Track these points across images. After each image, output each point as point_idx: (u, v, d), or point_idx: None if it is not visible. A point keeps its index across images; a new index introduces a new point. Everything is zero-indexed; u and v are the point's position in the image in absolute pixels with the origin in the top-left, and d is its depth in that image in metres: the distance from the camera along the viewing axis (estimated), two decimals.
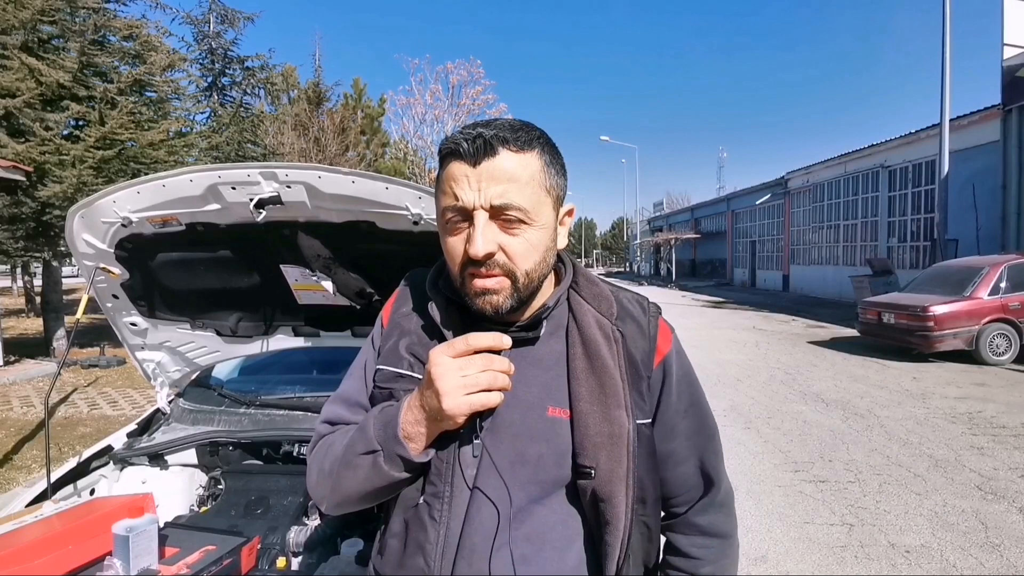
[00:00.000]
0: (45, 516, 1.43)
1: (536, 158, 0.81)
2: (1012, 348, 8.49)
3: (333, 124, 16.45)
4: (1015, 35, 12.95)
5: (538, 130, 0.84)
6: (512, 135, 0.79)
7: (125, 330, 2.13)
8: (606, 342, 0.85)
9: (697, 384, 0.95)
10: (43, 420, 5.94)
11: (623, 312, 0.90)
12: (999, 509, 3.71)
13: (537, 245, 0.81)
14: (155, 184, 1.63)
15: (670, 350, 0.91)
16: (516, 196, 0.77)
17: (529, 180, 0.79)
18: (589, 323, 0.86)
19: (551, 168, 0.83)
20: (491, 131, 0.78)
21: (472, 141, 0.77)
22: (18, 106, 7.94)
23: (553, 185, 0.83)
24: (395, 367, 0.90)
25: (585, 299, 0.89)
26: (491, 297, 0.80)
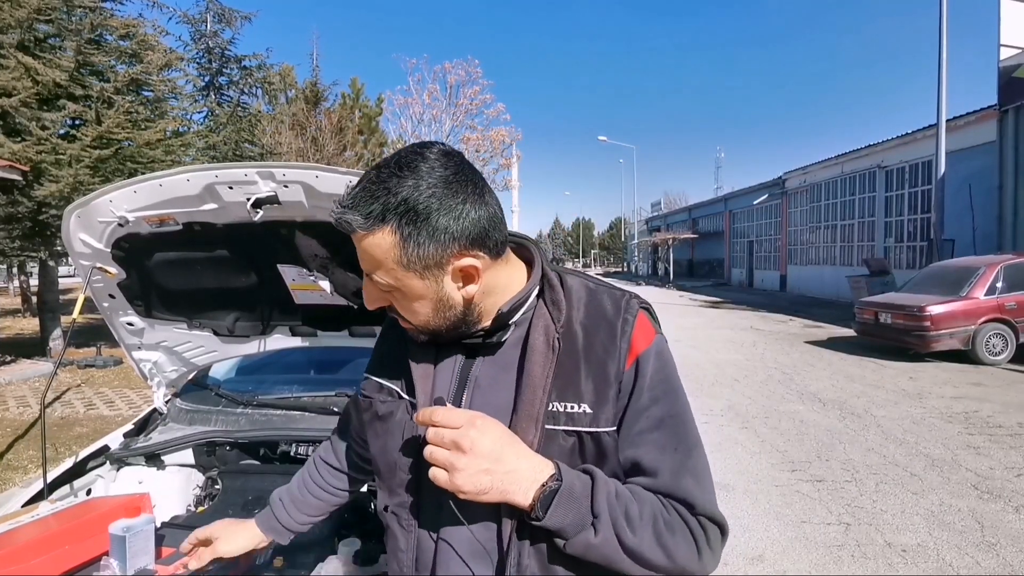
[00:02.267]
0: (41, 516, 1.42)
1: (388, 235, 0.73)
2: (1008, 348, 8.52)
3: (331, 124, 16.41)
4: (1012, 36, 12.99)
5: (402, 190, 0.73)
6: (361, 212, 0.73)
7: (122, 330, 2.12)
8: (544, 350, 0.81)
9: (679, 394, 0.84)
10: (38, 420, 5.93)
11: (595, 311, 0.85)
12: (995, 508, 3.72)
13: (416, 308, 0.80)
14: (152, 183, 1.63)
15: (646, 349, 0.83)
16: (376, 273, 0.78)
17: (383, 259, 0.75)
18: (539, 329, 0.83)
19: (412, 240, 0.74)
20: (340, 211, 0.75)
21: (335, 218, 0.76)
22: (14, 105, 7.91)
23: (414, 259, 0.75)
24: (376, 376, 0.95)
25: (546, 303, 0.86)
26: (410, 333, 0.86)
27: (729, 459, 4.73)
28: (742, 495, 4.02)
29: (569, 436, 0.80)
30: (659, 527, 0.76)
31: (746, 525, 3.58)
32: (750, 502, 3.91)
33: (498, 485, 0.73)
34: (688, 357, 9.19)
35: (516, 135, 21.71)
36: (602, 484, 0.76)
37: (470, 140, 20.73)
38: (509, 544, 0.78)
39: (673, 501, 0.78)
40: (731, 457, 4.77)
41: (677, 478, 0.79)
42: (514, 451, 0.75)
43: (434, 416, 0.74)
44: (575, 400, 0.80)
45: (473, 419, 0.74)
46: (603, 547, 0.75)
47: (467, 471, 0.72)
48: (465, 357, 0.88)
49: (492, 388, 0.84)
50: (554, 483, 0.74)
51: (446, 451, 0.73)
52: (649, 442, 0.80)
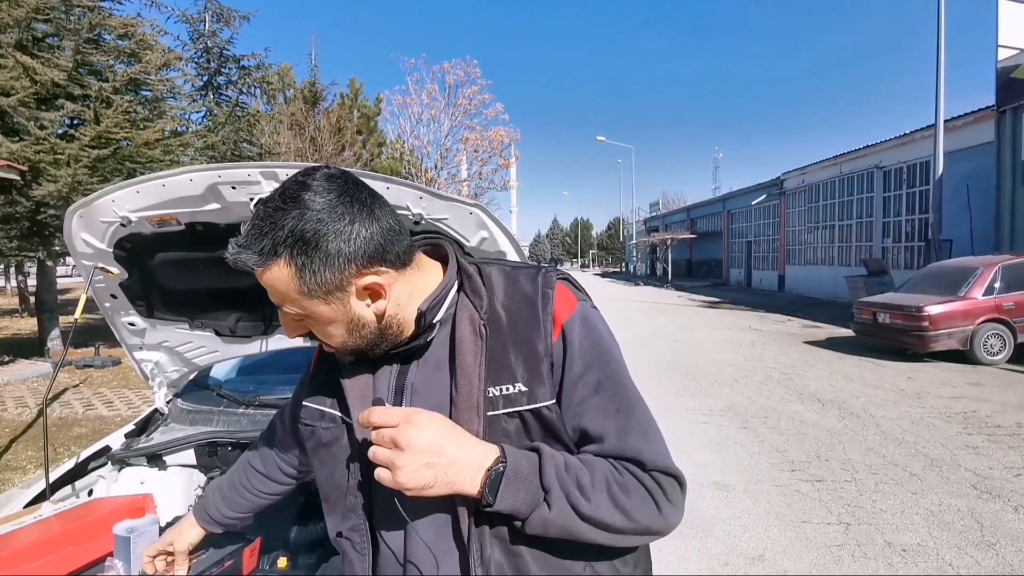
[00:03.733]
0: (44, 517, 1.42)
1: (283, 267, 0.74)
2: (1006, 348, 8.54)
3: (329, 124, 16.41)
4: (1010, 37, 13.02)
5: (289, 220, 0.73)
6: (254, 249, 0.74)
7: (123, 330, 2.12)
8: (472, 338, 0.81)
9: (612, 356, 0.84)
10: (35, 420, 5.91)
11: (514, 291, 0.85)
12: (994, 508, 3.73)
13: (333, 332, 0.81)
14: (155, 183, 1.62)
15: (570, 317, 0.83)
16: (284, 305, 0.79)
17: (285, 291, 0.76)
18: (463, 320, 0.83)
19: (307, 270, 0.74)
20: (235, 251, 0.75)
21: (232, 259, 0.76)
22: (12, 105, 7.88)
23: (314, 286, 0.75)
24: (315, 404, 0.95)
25: (467, 294, 0.86)
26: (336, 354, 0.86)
27: (729, 459, 4.73)
28: (742, 495, 4.03)
29: (511, 418, 0.80)
30: (613, 490, 0.77)
31: (746, 525, 3.58)
32: (750, 502, 3.91)
33: (442, 477, 0.73)
34: (687, 357, 9.20)
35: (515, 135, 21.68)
36: (548, 458, 0.76)
37: (469, 140, 20.71)
38: (469, 535, 0.78)
39: (624, 462, 0.79)
40: (731, 457, 4.78)
41: (623, 439, 0.79)
42: (455, 441, 0.74)
43: (371, 417, 0.74)
44: (509, 382, 0.80)
45: (409, 415, 0.74)
46: (560, 520, 0.74)
47: (408, 467, 0.72)
48: (400, 365, 0.88)
49: (428, 389, 0.84)
50: (499, 465, 0.74)
51: (387, 449, 0.73)
52: (591, 408, 0.80)
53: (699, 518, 3.65)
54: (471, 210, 1.57)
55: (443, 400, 0.82)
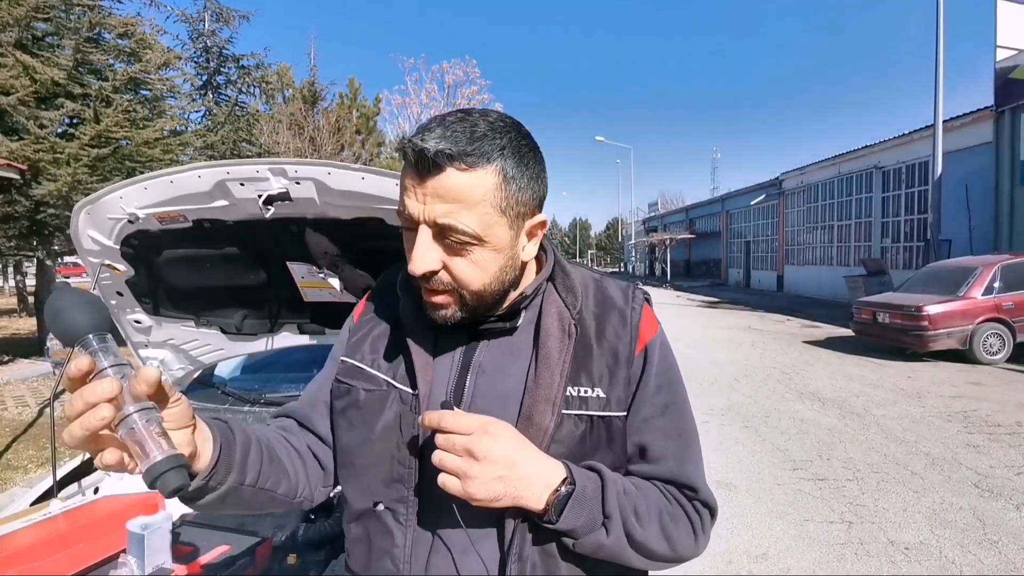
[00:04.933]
0: (53, 515, 1.42)
1: (492, 174, 0.72)
2: (1005, 347, 8.56)
3: (328, 123, 16.37)
4: (1008, 37, 13.05)
5: (502, 137, 0.73)
6: (465, 148, 0.70)
7: (129, 327, 2.12)
8: (559, 334, 0.81)
9: (680, 383, 0.88)
10: (36, 420, 5.90)
11: (603, 300, 0.86)
12: (996, 506, 3.74)
13: (487, 266, 0.76)
14: (163, 180, 1.62)
15: (653, 338, 0.86)
16: (463, 217, 0.71)
17: (479, 200, 0.72)
18: (551, 314, 0.83)
19: (513, 183, 0.74)
20: (438, 144, 0.69)
21: (417, 154, 0.70)
22: (12, 104, 7.87)
23: (513, 203, 0.74)
24: (357, 360, 0.87)
25: (556, 289, 0.86)
26: (440, 311, 0.78)
27: (731, 458, 4.74)
28: (744, 494, 4.03)
29: (581, 420, 0.80)
30: (664, 519, 0.79)
31: (749, 524, 3.59)
32: (752, 501, 3.92)
33: (511, 491, 0.71)
34: (687, 357, 9.19)
35: None
36: (611, 483, 0.76)
37: None
38: (511, 543, 0.76)
39: (675, 487, 0.82)
40: (732, 456, 4.78)
41: (682, 464, 0.82)
42: (526, 456, 0.73)
43: (443, 422, 0.72)
44: (588, 384, 0.80)
45: (485, 425, 0.72)
46: (614, 546, 0.75)
47: (481, 479, 0.70)
48: (466, 342, 0.84)
49: (498, 374, 0.82)
50: (567, 487, 0.73)
51: (458, 458, 0.71)
52: (655, 428, 0.82)
53: None
54: None
55: (515, 387, 0.80)
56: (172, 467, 0.58)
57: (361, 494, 0.84)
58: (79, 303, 0.63)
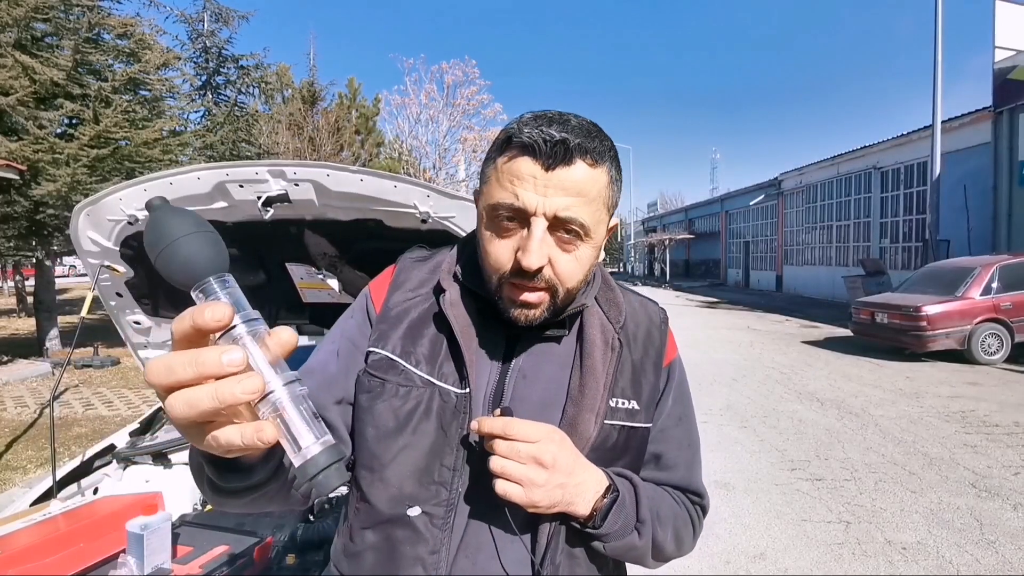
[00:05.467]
0: (53, 515, 1.42)
1: (606, 172, 0.75)
2: (1004, 348, 8.57)
3: (328, 124, 16.38)
4: (1006, 38, 13.06)
5: (609, 140, 0.77)
6: (591, 144, 0.73)
7: (128, 328, 2.13)
8: (603, 347, 0.82)
9: (690, 397, 0.95)
10: (35, 421, 5.90)
11: (637, 315, 0.90)
12: (993, 506, 3.75)
13: (585, 263, 0.77)
14: (162, 182, 1.63)
15: (676, 356, 0.93)
16: (581, 211, 0.72)
17: (596, 196, 0.74)
18: (594, 326, 0.84)
19: (615, 184, 0.78)
20: (574, 138, 0.71)
21: (552, 145, 0.70)
22: (11, 104, 7.86)
23: (613, 203, 0.79)
24: (390, 352, 0.80)
25: (598, 301, 0.87)
26: (529, 311, 0.76)
27: (729, 458, 4.74)
28: (742, 494, 4.04)
29: (614, 430, 0.82)
30: (678, 523, 0.85)
31: (747, 524, 3.59)
32: (751, 501, 3.92)
33: (568, 497, 0.73)
34: (686, 357, 8.97)
35: None
36: (643, 490, 0.81)
37: (467, 140, 20.71)
38: (547, 547, 0.77)
39: (682, 493, 0.89)
40: (731, 456, 4.79)
41: (691, 471, 0.91)
42: (580, 464, 0.75)
43: (508, 430, 0.70)
44: (625, 397, 0.84)
45: (551, 433, 0.73)
46: (642, 547, 0.80)
47: (547, 487, 0.71)
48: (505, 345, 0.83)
49: (539, 380, 0.81)
50: (612, 494, 0.77)
51: (522, 465, 0.70)
52: (671, 438, 0.89)
53: None
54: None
55: (557, 394, 0.81)
56: (333, 461, 0.46)
57: (390, 498, 0.78)
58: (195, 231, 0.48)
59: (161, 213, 0.49)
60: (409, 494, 0.77)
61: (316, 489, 0.46)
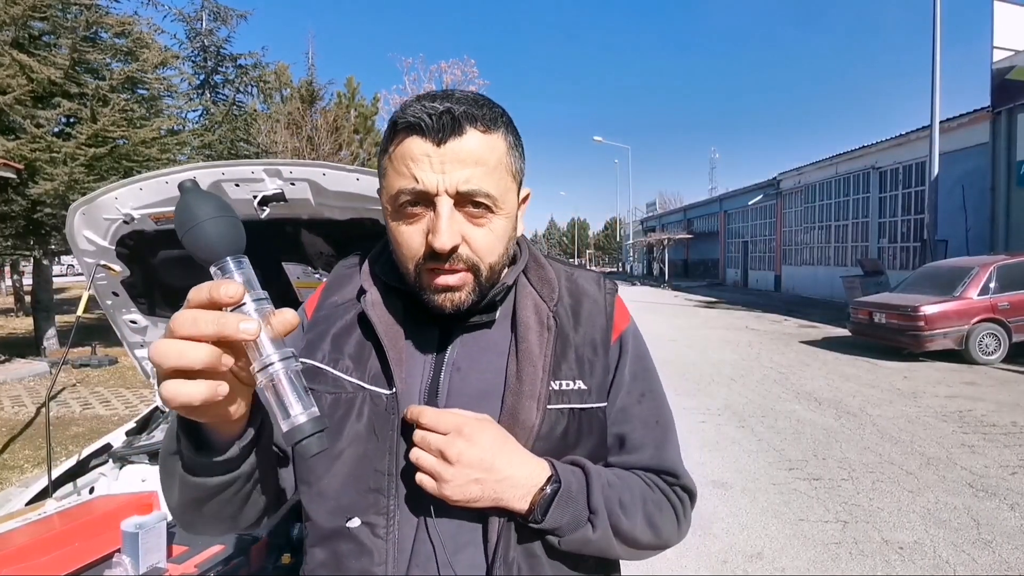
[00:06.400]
0: (48, 514, 1.42)
1: (502, 139, 0.73)
2: (1001, 348, 8.58)
3: (326, 123, 16.37)
4: (1005, 38, 13.09)
5: (500, 107, 0.75)
6: (479, 112, 0.71)
7: (124, 328, 2.12)
8: (538, 328, 0.78)
9: (654, 371, 0.87)
10: (33, 420, 5.89)
11: (576, 290, 0.85)
12: (990, 506, 3.75)
13: (501, 235, 0.74)
14: (158, 181, 1.63)
15: (627, 327, 0.85)
16: (484, 182, 0.70)
17: (497, 164, 0.72)
18: (527, 307, 0.80)
19: (515, 151, 0.76)
20: (459, 107, 0.69)
21: (438, 117, 0.68)
22: (8, 103, 7.85)
23: (517, 169, 0.76)
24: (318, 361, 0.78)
25: (531, 282, 0.83)
26: (452, 294, 0.73)
27: (727, 458, 4.75)
28: (740, 493, 4.04)
29: (563, 415, 0.77)
30: (648, 508, 0.78)
31: (744, 523, 3.60)
32: (748, 500, 3.93)
33: (489, 493, 0.69)
34: (684, 357, 9.20)
35: None
36: (595, 477, 0.75)
37: None
38: (497, 545, 0.73)
39: (655, 475, 0.81)
40: (728, 456, 4.79)
41: (661, 451, 0.82)
42: (507, 458, 0.70)
43: (421, 417, 0.69)
44: (569, 377, 0.78)
45: (461, 427, 0.69)
46: (601, 540, 0.74)
47: (455, 482, 0.68)
48: (438, 338, 0.80)
49: (474, 371, 0.78)
50: (551, 486, 0.71)
51: (432, 458, 0.68)
52: (634, 417, 0.82)
53: (698, 516, 3.65)
54: None
55: (494, 384, 0.77)
56: (317, 431, 0.52)
57: (328, 512, 0.75)
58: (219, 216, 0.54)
59: (191, 195, 0.55)
60: (346, 505, 0.74)
61: (299, 453, 0.52)
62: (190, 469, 0.64)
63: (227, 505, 0.69)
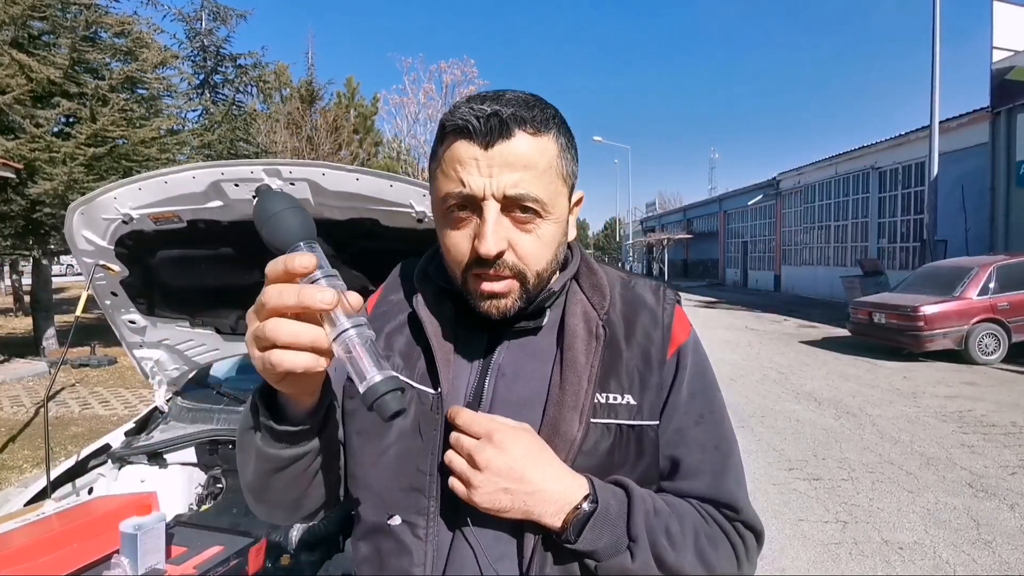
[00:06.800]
0: (47, 515, 1.42)
1: (553, 141, 0.71)
2: (1001, 348, 8.59)
3: (326, 123, 16.35)
4: (1004, 38, 13.09)
5: (552, 107, 0.73)
6: (529, 114, 0.68)
7: (123, 328, 2.12)
8: (586, 337, 0.75)
9: (716, 390, 0.80)
10: (32, 420, 5.89)
11: (632, 299, 0.81)
12: (990, 506, 3.75)
13: (550, 242, 0.72)
14: (157, 181, 1.63)
15: (686, 341, 0.79)
16: (532, 186, 0.68)
17: (547, 168, 0.70)
18: (576, 314, 0.77)
19: (567, 153, 0.73)
20: (507, 109, 0.67)
21: (485, 120, 0.66)
22: (8, 103, 7.84)
23: (569, 172, 0.74)
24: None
25: (582, 288, 0.80)
26: (498, 301, 0.71)
27: None
28: None
29: (610, 430, 0.73)
30: (701, 543, 0.71)
31: None
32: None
33: (519, 505, 0.67)
34: None
35: None
36: (639, 502, 0.69)
37: None
38: (531, 563, 0.70)
39: (713, 507, 0.75)
40: None
41: (719, 480, 0.75)
42: (539, 471, 0.67)
43: (456, 418, 0.69)
44: (618, 391, 0.74)
45: (492, 432, 0.67)
46: (641, 571, 0.68)
47: (483, 489, 0.66)
48: (487, 342, 0.79)
49: (519, 378, 0.76)
50: (588, 505, 0.68)
51: (463, 462, 0.67)
52: (690, 440, 0.76)
53: None
54: None
55: (538, 392, 0.74)
56: (392, 389, 0.55)
57: (373, 507, 0.76)
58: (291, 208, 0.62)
59: (267, 195, 0.64)
60: (389, 501, 0.75)
61: (378, 412, 0.55)
62: (268, 439, 0.68)
63: (294, 483, 0.73)
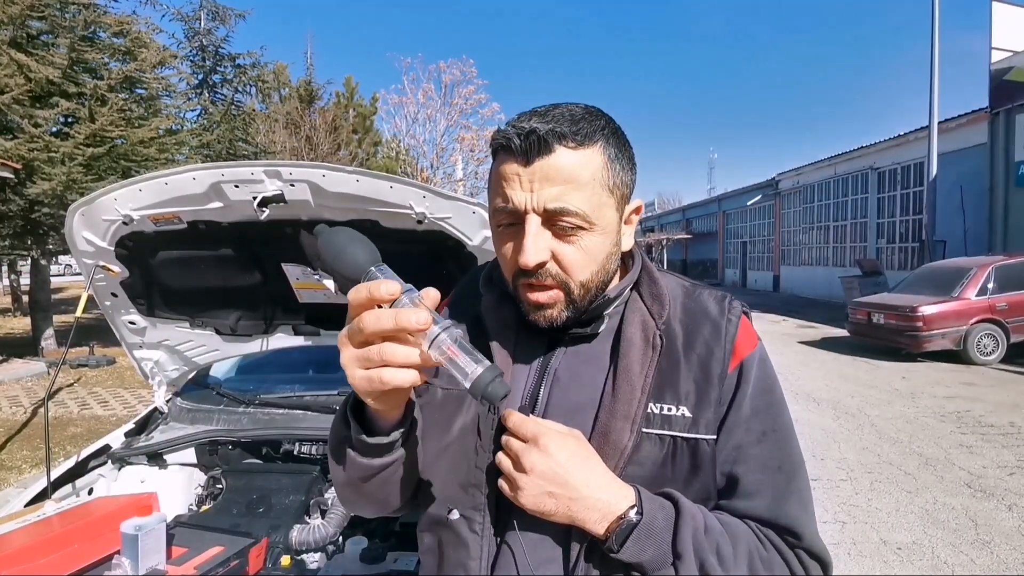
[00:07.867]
0: (47, 516, 1.42)
1: (598, 153, 0.71)
2: (999, 348, 8.60)
3: (325, 122, 16.35)
4: (1003, 39, 13.10)
5: (603, 118, 0.74)
6: (571, 128, 0.69)
7: (123, 328, 2.12)
8: (642, 346, 0.75)
9: (782, 407, 0.78)
10: (30, 420, 5.88)
11: (695, 309, 0.79)
12: (988, 507, 3.76)
13: (596, 253, 0.72)
14: (157, 182, 1.63)
15: (751, 354, 0.77)
16: (573, 199, 0.69)
17: (589, 180, 0.70)
18: (633, 322, 0.77)
19: (616, 163, 0.73)
20: (547, 125, 0.68)
21: (525, 137, 0.68)
22: (7, 102, 7.82)
23: (618, 183, 0.73)
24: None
25: (641, 296, 0.80)
26: (545, 311, 0.73)
27: None
28: None
29: (663, 442, 0.72)
30: (755, 567, 0.69)
31: None
32: None
33: (563, 510, 0.67)
34: None
35: None
36: (687, 518, 0.68)
37: (465, 140, 20.67)
38: (575, 568, 0.71)
39: (773, 531, 0.72)
40: None
41: (780, 502, 0.72)
42: (584, 478, 0.68)
43: (507, 420, 0.70)
44: (673, 402, 0.73)
45: (539, 436, 0.68)
46: None
47: (527, 491, 0.67)
48: (545, 348, 0.80)
49: (573, 384, 0.77)
50: (634, 515, 0.67)
51: (509, 463, 0.69)
52: (751, 458, 0.73)
53: None
54: (474, 209, 1.58)
55: (591, 399, 0.75)
56: (495, 376, 0.59)
57: (436, 500, 0.79)
58: (355, 239, 0.66)
59: (328, 234, 0.68)
60: (450, 496, 0.78)
61: (488, 401, 0.59)
62: (360, 451, 0.71)
63: (383, 486, 0.77)
